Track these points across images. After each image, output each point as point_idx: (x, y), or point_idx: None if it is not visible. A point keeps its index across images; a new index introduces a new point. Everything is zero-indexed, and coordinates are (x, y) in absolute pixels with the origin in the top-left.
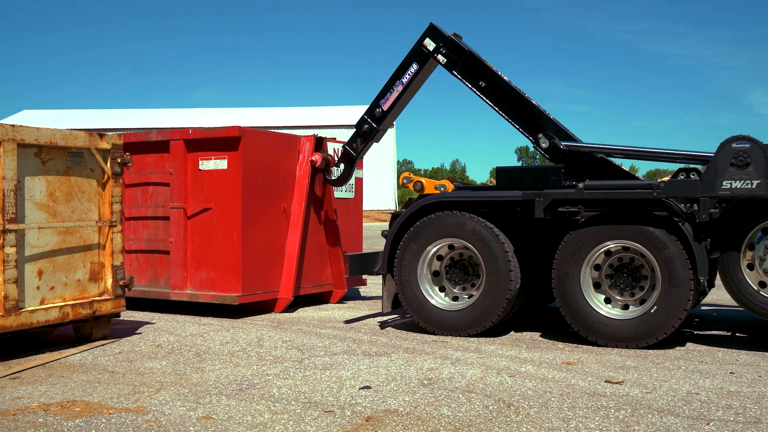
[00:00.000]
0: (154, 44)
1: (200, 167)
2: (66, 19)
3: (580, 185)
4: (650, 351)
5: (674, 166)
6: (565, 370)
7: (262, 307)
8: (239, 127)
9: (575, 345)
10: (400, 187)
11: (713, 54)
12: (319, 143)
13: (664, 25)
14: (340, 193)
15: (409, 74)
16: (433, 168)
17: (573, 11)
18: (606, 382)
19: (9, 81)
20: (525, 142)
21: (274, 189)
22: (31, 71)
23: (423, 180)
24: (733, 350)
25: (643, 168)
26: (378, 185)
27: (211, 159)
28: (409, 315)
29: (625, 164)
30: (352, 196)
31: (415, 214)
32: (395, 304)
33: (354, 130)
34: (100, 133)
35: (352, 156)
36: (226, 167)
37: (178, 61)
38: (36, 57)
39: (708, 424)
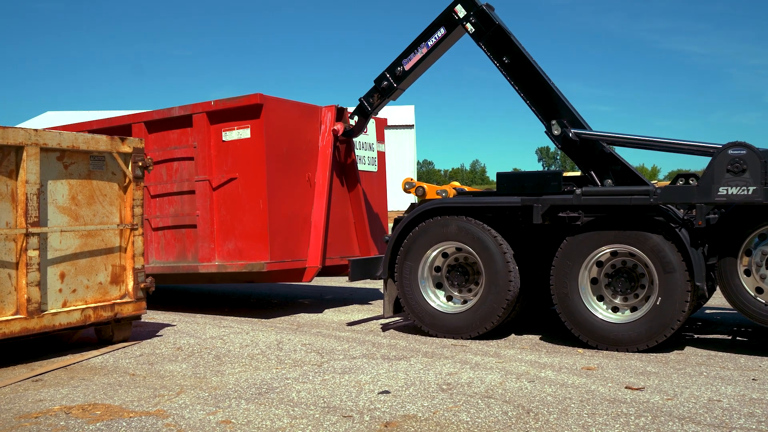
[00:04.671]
0: (173, 44)
1: (224, 138)
2: (85, 20)
3: (578, 191)
4: (671, 356)
5: (685, 158)
6: (585, 375)
7: (290, 277)
8: (261, 95)
9: (595, 350)
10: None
11: (735, 52)
12: (341, 113)
13: (684, 23)
14: (363, 165)
15: (435, 38)
16: (453, 168)
17: (592, 10)
18: (626, 388)
19: (35, 82)
20: (546, 142)
21: (298, 158)
22: (54, 72)
23: (425, 185)
24: (756, 356)
25: (664, 168)
26: (398, 186)
27: (234, 129)
28: (410, 318)
29: (636, 154)
30: (375, 170)
31: (416, 220)
32: (396, 308)
33: (372, 85)
34: (122, 137)
35: (367, 110)
36: (249, 136)
37: (198, 60)
38: (59, 58)
39: None
